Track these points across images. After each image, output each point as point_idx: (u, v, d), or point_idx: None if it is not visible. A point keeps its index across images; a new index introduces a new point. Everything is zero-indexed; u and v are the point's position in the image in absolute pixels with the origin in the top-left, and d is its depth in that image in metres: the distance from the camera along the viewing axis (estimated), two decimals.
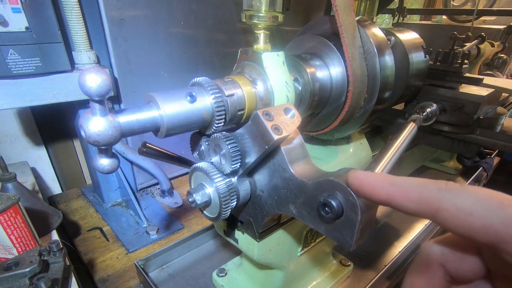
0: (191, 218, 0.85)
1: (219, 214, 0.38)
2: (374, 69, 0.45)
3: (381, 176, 0.23)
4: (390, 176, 0.22)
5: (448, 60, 0.73)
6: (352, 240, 0.28)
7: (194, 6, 0.83)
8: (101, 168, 0.30)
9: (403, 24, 1.42)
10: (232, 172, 0.37)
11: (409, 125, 0.57)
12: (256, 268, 0.57)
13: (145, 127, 0.30)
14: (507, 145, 0.67)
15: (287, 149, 0.34)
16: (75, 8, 0.63)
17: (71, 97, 0.66)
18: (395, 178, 0.22)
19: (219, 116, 0.34)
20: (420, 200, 0.20)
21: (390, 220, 0.86)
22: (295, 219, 0.43)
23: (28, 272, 0.44)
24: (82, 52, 0.67)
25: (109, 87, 0.26)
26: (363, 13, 0.58)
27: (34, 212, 0.62)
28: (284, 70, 0.39)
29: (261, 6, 0.37)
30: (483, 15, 1.57)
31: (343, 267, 0.66)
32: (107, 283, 0.64)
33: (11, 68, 0.57)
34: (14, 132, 0.90)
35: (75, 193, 0.96)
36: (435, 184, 0.20)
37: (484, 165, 1.10)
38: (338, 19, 0.39)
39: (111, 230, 0.79)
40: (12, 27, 0.56)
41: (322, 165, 0.54)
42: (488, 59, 1.35)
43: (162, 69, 0.85)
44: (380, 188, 0.22)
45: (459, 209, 0.18)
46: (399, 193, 0.21)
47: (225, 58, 0.96)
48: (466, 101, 0.66)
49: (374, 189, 0.23)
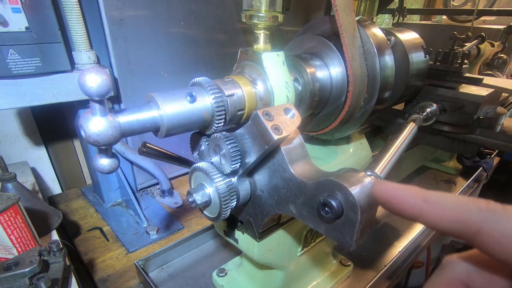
0: (191, 218, 0.85)
1: (219, 214, 0.38)
2: (374, 69, 0.45)
3: (413, 190, 0.21)
4: (423, 190, 0.20)
5: (448, 60, 0.73)
6: (352, 240, 0.28)
7: (194, 6, 0.83)
8: (101, 168, 0.30)
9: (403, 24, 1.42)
10: (232, 172, 0.37)
11: (409, 125, 0.57)
12: (256, 268, 0.57)
13: (145, 127, 0.30)
14: (507, 145, 0.68)
15: (287, 149, 0.34)
16: (75, 8, 0.63)
17: (71, 97, 0.66)
18: (429, 194, 0.20)
19: (219, 116, 0.34)
20: (458, 220, 0.18)
21: (390, 220, 0.86)
22: (295, 219, 0.43)
23: (28, 272, 0.44)
24: (82, 52, 0.67)
25: (109, 87, 0.26)
26: (363, 13, 0.58)
27: (34, 212, 0.62)
28: (284, 70, 0.39)
29: (261, 6, 0.37)
30: (483, 15, 1.57)
31: (343, 267, 0.66)
32: (107, 283, 0.64)
33: (11, 68, 0.57)
34: (14, 132, 0.90)
35: (75, 193, 0.96)
36: (475, 204, 0.18)
37: (484, 165, 1.10)
38: (338, 19, 0.39)
39: (111, 230, 0.79)
40: (12, 27, 0.56)
41: (322, 165, 0.54)
42: (488, 59, 1.35)
43: (162, 69, 0.85)
44: (412, 204, 0.20)
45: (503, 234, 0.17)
46: (433, 211, 0.19)
47: (225, 58, 0.96)
48: (466, 101, 0.66)
49: (405, 204, 0.21)
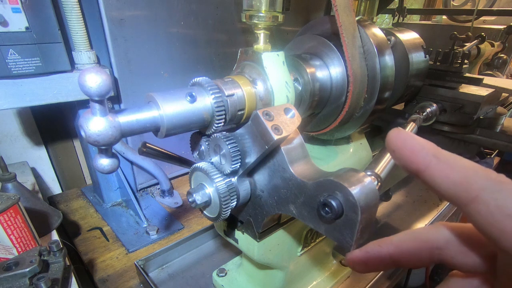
0: (191, 218, 0.85)
1: (219, 214, 0.38)
2: (374, 69, 0.45)
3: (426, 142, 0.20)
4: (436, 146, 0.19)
5: (448, 60, 0.73)
6: (352, 240, 0.28)
7: (194, 6, 0.83)
8: (101, 168, 0.30)
9: (403, 24, 1.42)
10: (232, 172, 0.37)
11: (409, 125, 0.57)
12: (256, 268, 0.57)
13: (145, 127, 0.30)
14: (507, 145, 0.68)
15: (287, 149, 0.34)
16: (75, 8, 0.63)
17: (71, 97, 0.66)
18: (441, 151, 0.19)
19: (219, 116, 0.34)
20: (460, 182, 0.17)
21: (390, 220, 0.86)
22: (295, 219, 0.43)
23: (28, 272, 0.44)
24: (82, 52, 0.67)
25: (109, 87, 0.26)
26: (363, 13, 0.58)
27: (34, 212, 0.62)
28: (284, 70, 0.39)
29: (261, 6, 0.37)
30: (483, 15, 1.57)
31: (343, 267, 0.66)
32: (107, 283, 0.64)
33: (11, 68, 0.57)
34: (14, 132, 0.90)
35: (75, 193, 0.96)
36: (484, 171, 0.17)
37: (484, 165, 1.09)
38: (338, 19, 0.39)
39: (111, 230, 0.79)
40: (12, 27, 0.56)
41: (322, 165, 0.54)
42: (488, 59, 1.35)
43: (162, 69, 0.85)
44: (422, 156, 0.19)
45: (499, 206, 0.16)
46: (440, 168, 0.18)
47: (225, 58, 0.96)
48: (466, 101, 0.66)
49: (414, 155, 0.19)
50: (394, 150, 0.21)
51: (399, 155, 0.20)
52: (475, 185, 0.17)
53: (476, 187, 0.17)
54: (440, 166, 0.18)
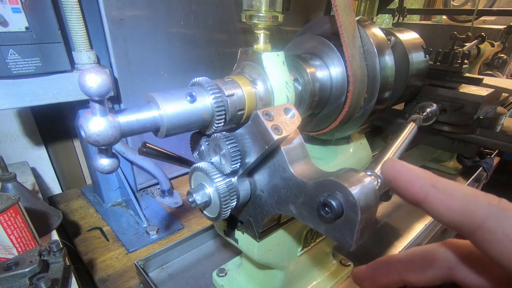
0: (191, 218, 0.85)
1: (219, 214, 0.38)
2: (374, 69, 0.45)
3: (423, 172, 0.19)
4: (433, 175, 0.19)
5: (448, 60, 0.73)
6: (352, 240, 0.28)
7: (194, 6, 0.83)
8: (101, 168, 0.30)
9: (403, 24, 1.42)
10: (232, 172, 0.37)
11: (409, 125, 0.57)
12: (256, 268, 0.57)
13: (145, 127, 0.30)
14: (507, 145, 0.68)
15: (287, 149, 0.34)
16: (75, 8, 0.63)
17: (71, 97, 0.66)
18: (438, 180, 0.19)
19: (219, 116, 0.34)
20: (462, 211, 0.17)
21: (390, 220, 0.86)
22: (295, 219, 0.43)
23: (28, 272, 0.44)
24: (82, 52, 0.67)
25: (109, 87, 0.26)
26: (363, 13, 0.58)
27: (34, 212, 0.62)
28: (284, 70, 0.39)
29: (261, 6, 0.37)
30: (483, 15, 1.57)
31: (343, 267, 0.66)
32: (107, 283, 0.64)
33: (11, 68, 0.57)
34: (14, 132, 0.90)
35: (75, 193, 0.96)
36: (485, 198, 0.17)
37: (484, 165, 1.10)
38: (338, 19, 0.39)
39: (111, 230, 0.79)
40: (12, 27, 0.56)
41: (322, 165, 0.54)
42: (488, 59, 1.35)
43: (162, 69, 0.85)
44: (419, 187, 0.19)
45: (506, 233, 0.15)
46: (439, 197, 0.18)
47: (225, 58, 0.96)
48: (466, 101, 0.66)
49: (411, 186, 0.19)
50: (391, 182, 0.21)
51: (396, 186, 0.20)
52: (478, 213, 0.17)
53: (479, 215, 0.16)
54: (440, 195, 0.18)
